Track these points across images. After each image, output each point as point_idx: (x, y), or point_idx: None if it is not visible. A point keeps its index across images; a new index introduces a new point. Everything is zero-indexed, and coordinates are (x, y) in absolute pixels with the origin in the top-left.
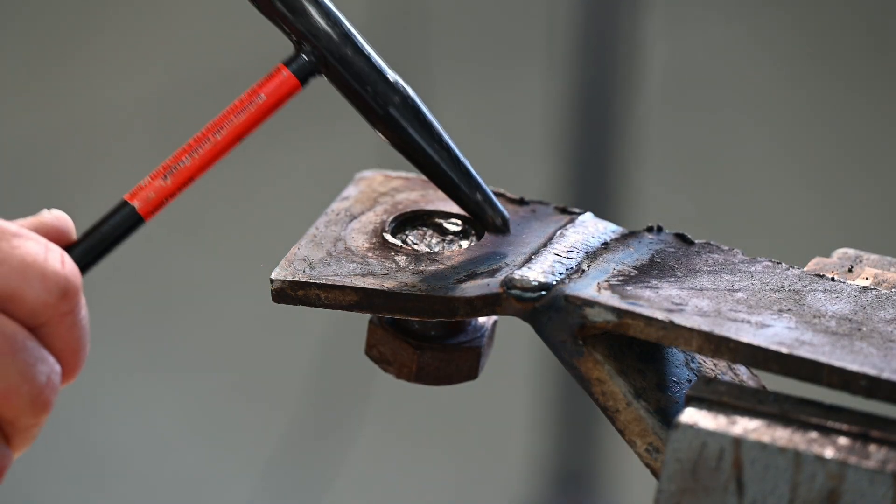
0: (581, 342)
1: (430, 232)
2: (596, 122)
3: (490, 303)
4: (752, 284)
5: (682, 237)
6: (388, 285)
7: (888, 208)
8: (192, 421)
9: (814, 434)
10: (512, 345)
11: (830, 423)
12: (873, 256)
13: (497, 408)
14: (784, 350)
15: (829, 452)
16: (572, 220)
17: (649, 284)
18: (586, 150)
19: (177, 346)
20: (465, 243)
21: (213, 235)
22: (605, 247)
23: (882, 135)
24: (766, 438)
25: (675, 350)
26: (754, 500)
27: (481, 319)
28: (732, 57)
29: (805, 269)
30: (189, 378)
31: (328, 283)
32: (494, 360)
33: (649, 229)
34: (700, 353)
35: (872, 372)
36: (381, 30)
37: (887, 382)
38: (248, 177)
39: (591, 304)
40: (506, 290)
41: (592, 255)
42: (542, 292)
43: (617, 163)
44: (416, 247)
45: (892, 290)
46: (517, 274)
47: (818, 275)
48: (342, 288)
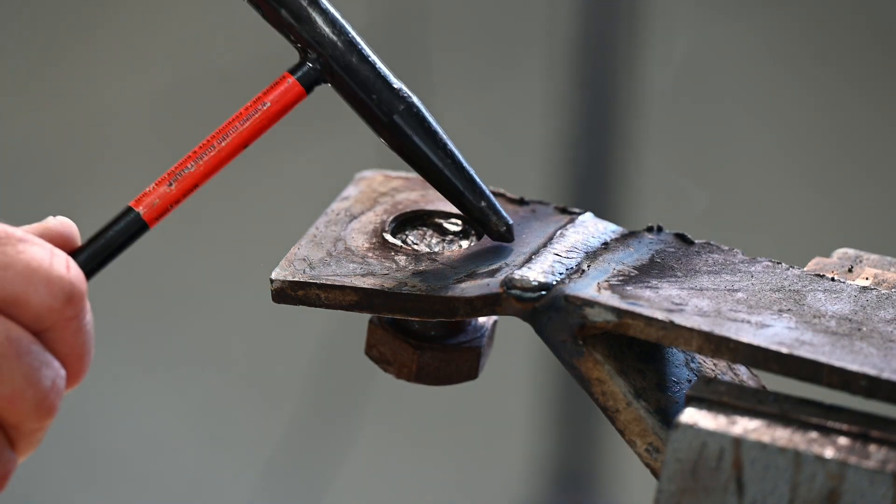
0: (581, 342)
1: (430, 232)
2: (596, 122)
3: (490, 303)
4: (752, 284)
5: (682, 237)
6: (388, 285)
7: (888, 208)
8: (191, 421)
9: (814, 434)
10: (512, 345)
11: (830, 423)
12: (873, 256)
13: (497, 408)
14: (784, 350)
15: (829, 452)
16: (572, 220)
17: (649, 284)
18: (586, 150)
19: (177, 346)
20: (465, 243)
21: (212, 235)
22: (605, 247)
23: (882, 135)
24: (766, 438)
25: (675, 350)
26: (754, 500)
27: (481, 319)
28: (732, 56)
29: (805, 269)
30: (189, 378)
31: (328, 283)
32: (494, 360)
33: (649, 229)
34: (700, 353)
35: (872, 372)
36: (381, 30)
37: (887, 382)
38: (247, 177)
39: (591, 304)
40: (506, 290)
41: (592, 255)
42: (542, 292)
43: (617, 163)
44: (416, 247)
45: (892, 290)
46: (517, 274)
47: (818, 275)
48: (342, 288)
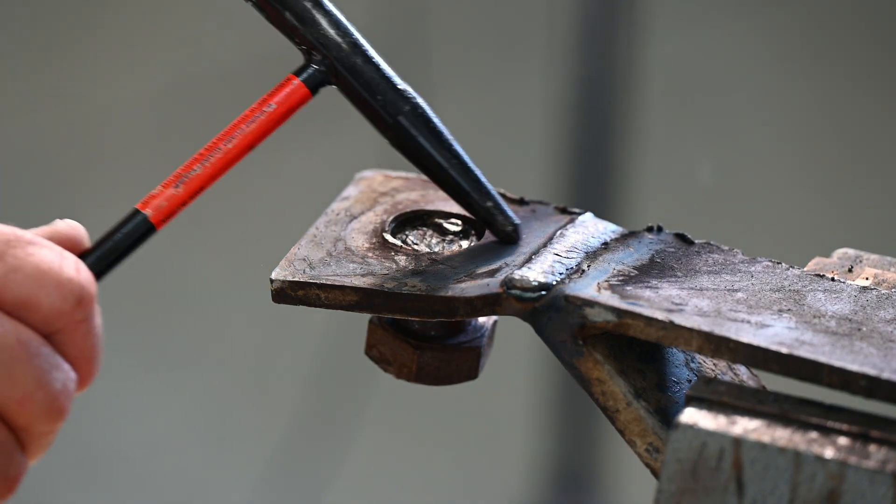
0: (581, 342)
1: (430, 232)
2: (596, 122)
3: (490, 303)
4: (752, 284)
5: (682, 237)
6: (388, 285)
7: (888, 208)
8: (191, 421)
9: (814, 434)
10: (512, 345)
11: (830, 423)
12: (873, 256)
13: (497, 408)
14: (784, 350)
15: (829, 452)
16: (572, 220)
17: (649, 284)
18: (586, 150)
19: (177, 346)
20: (465, 243)
21: (212, 235)
22: (605, 247)
23: (882, 135)
24: (766, 438)
25: (675, 350)
26: (754, 500)
27: (481, 319)
28: (732, 56)
29: (805, 269)
30: (189, 378)
31: (328, 283)
32: (494, 360)
33: (649, 229)
34: (700, 353)
35: (872, 372)
36: (381, 30)
37: (887, 382)
38: (247, 177)
39: (591, 304)
40: (506, 290)
41: (592, 255)
42: (542, 292)
43: (617, 163)
44: (416, 247)
45: (892, 290)
46: (517, 274)
47: (818, 275)
48: (342, 288)
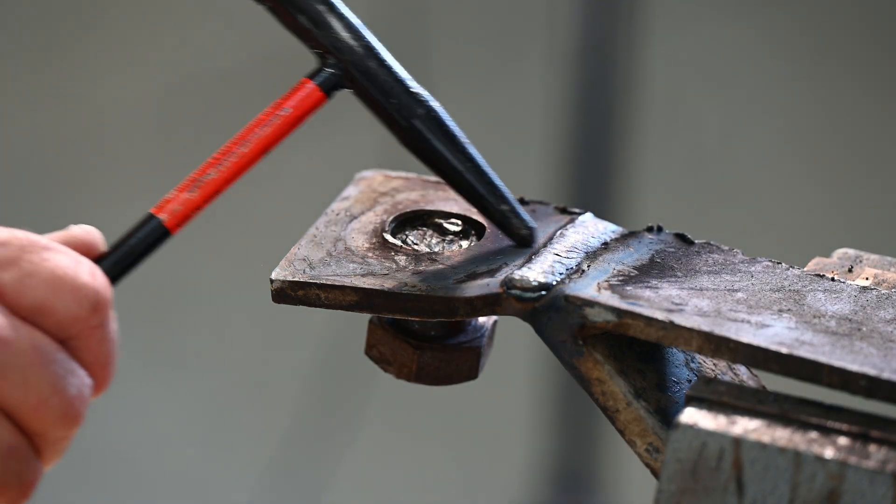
0: (581, 342)
1: (430, 232)
2: (596, 122)
3: (490, 303)
4: (752, 284)
5: (682, 237)
6: (388, 285)
7: (888, 208)
8: (192, 421)
9: (814, 434)
10: (512, 345)
11: (830, 423)
12: (873, 256)
13: (497, 408)
14: (784, 350)
15: (829, 452)
16: (572, 220)
17: (649, 284)
18: (586, 150)
19: (177, 346)
20: (465, 243)
21: (213, 235)
22: (605, 247)
23: (882, 135)
24: (766, 438)
25: (675, 350)
26: (754, 500)
27: (481, 319)
28: (732, 56)
29: (805, 269)
30: (189, 378)
31: (328, 283)
32: (494, 360)
33: (649, 229)
34: (700, 353)
35: (872, 372)
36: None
37: (887, 382)
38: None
39: (591, 304)
40: (506, 290)
41: (592, 256)
42: (542, 292)
43: (617, 163)
44: (416, 247)
45: (892, 290)
46: (517, 274)
47: (818, 275)
48: (342, 288)
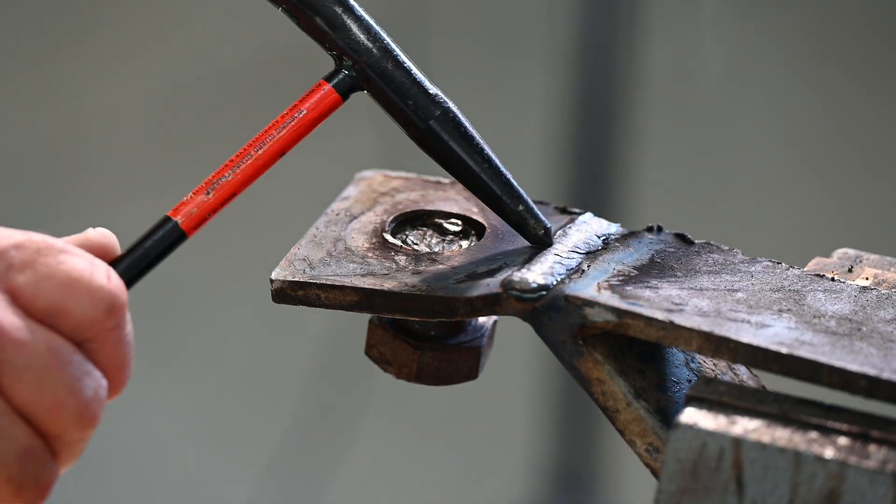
0: (581, 342)
1: (430, 232)
2: (596, 122)
3: (490, 303)
4: (752, 284)
5: (682, 237)
6: (388, 285)
7: (888, 208)
8: (192, 421)
9: (814, 434)
10: (512, 345)
11: (830, 423)
12: (873, 256)
13: (497, 408)
14: (784, 350)
15: (829, 452)
16: (572, 220)
17: (649, 284)
18: (586, 150)
19: (177, 346)
20: (465, 243)
21: (213, 235)
22: (605, 247)
23: (882, 135)
24: (766, 438)
25: (675, 350)
26: (754, 500)
27: (481, 319)
28: (732, 56)
29: (805, 269)
30: (189, 378)
31: (328, 283)
32: (494, 360)
33: (649, 229)
34: (700, 353)
35: (872, 372)
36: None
37: (887, 382)
38: None
39: (591, 304)
40: (506, 290)
41: (592, 256)
42: (542, 292)
43: (617, 163)
44: (416, 247)
45: (892, 290)
46: (517, 274)
47: (818, 275)
48: (342, 288)
